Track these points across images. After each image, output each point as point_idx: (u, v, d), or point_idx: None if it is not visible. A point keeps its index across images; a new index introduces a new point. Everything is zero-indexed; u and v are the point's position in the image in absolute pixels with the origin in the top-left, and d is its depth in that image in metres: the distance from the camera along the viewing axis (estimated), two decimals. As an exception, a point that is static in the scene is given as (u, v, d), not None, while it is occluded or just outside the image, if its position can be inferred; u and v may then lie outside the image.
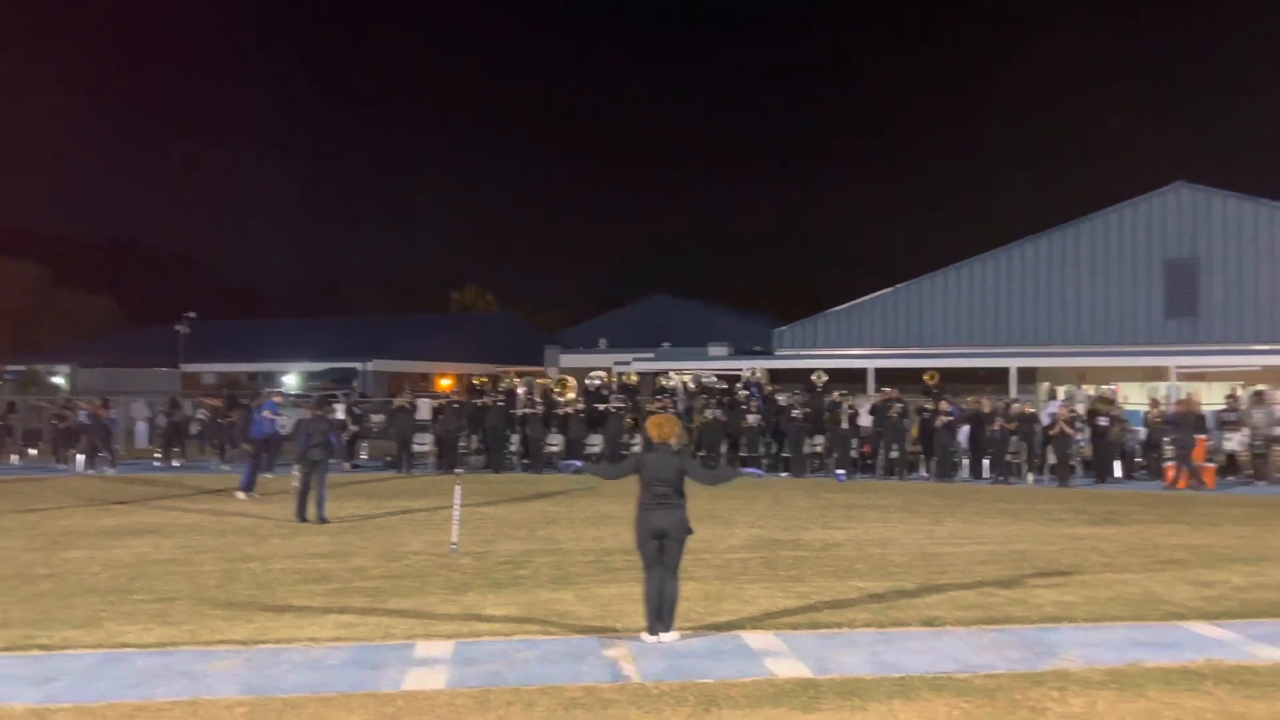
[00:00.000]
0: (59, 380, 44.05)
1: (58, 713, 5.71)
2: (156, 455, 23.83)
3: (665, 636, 7.16)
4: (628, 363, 32.06)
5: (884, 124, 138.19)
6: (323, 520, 13.34)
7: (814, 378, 22.65)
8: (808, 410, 20.70)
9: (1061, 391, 27.13)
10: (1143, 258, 29.53)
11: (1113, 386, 26.44)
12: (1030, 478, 19.51)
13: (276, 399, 20.20)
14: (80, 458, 22.27)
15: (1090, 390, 26.32)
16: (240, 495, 15.86)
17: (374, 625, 7.67)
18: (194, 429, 24.64)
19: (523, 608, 8.28)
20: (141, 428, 27.92)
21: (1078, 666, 6.57)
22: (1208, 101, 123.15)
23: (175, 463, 22.96)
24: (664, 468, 7.29)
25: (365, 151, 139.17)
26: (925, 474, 20.45)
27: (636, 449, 19.89)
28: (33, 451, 25.22)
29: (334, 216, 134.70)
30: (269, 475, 19.46)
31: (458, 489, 11.88)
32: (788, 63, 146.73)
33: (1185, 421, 18.47)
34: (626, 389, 22.86)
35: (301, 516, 13.37)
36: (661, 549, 7.21)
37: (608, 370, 26.76)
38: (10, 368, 48.32)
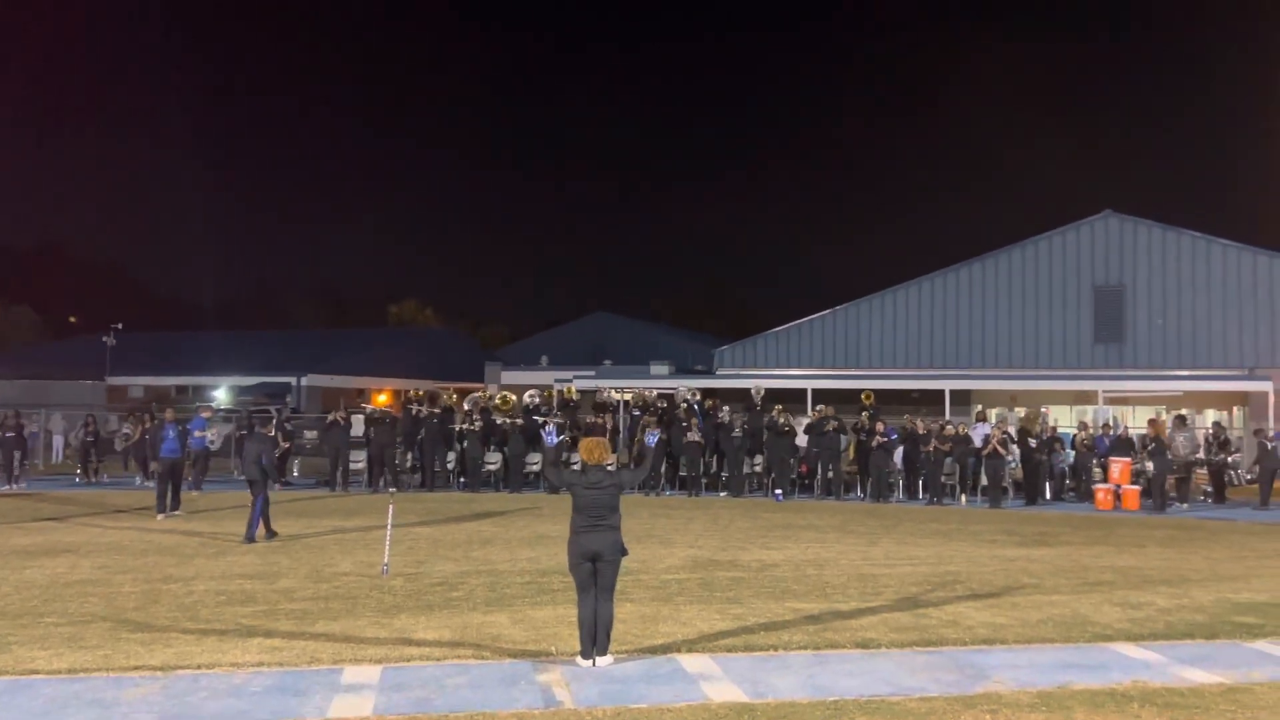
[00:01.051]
0: (-25, 392, 42.32)
1: (-44, 745, 5.41)
2: (77, 472, 23.04)
3: (600, 660, 7.06)
4: (569, 380, 31.92)
5: (822, 147, 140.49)
6: (250, 540, 13.07)
7: (753, 392, 22.77)
8: (745, 431, 20.77)
9: (993, 414, 27.68)
10: (1072, 284, 30.34)
11: (1043, 409, 27.08)
12: (963, 499, 19.80)
13: (205, 414, 19.66)
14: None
15: (1020, 412, 26.91)
16: (159, 517, 15.29)
17: (300, 649, 7.44)
18: (118, 445, 23.86)
19: (455, 631, 8.11)
20: (59, 442, 26.96)
21: (1008, 689, 6.63)
22: (1136, 133, 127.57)
23: (99, 479, 22.21)
24: (599, 491, 7.21)
25: (301, 163, 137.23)
26: (861, 494, 20.64)
27: (576, 467, 19.77)
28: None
29: (269, 228, 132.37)
30: (195, 492, 18.92)
31: (390, 508, 11.65)
32: (729, 82, 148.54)
33: (1159, 442, 18.68)
34: (566, 405, 22.71)
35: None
36: (595, 572, 7.12)
37: (547, 387, 26.58)
38: (-76, 378, 46.40)
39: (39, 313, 69.64)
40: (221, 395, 40.79)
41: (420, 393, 23.13)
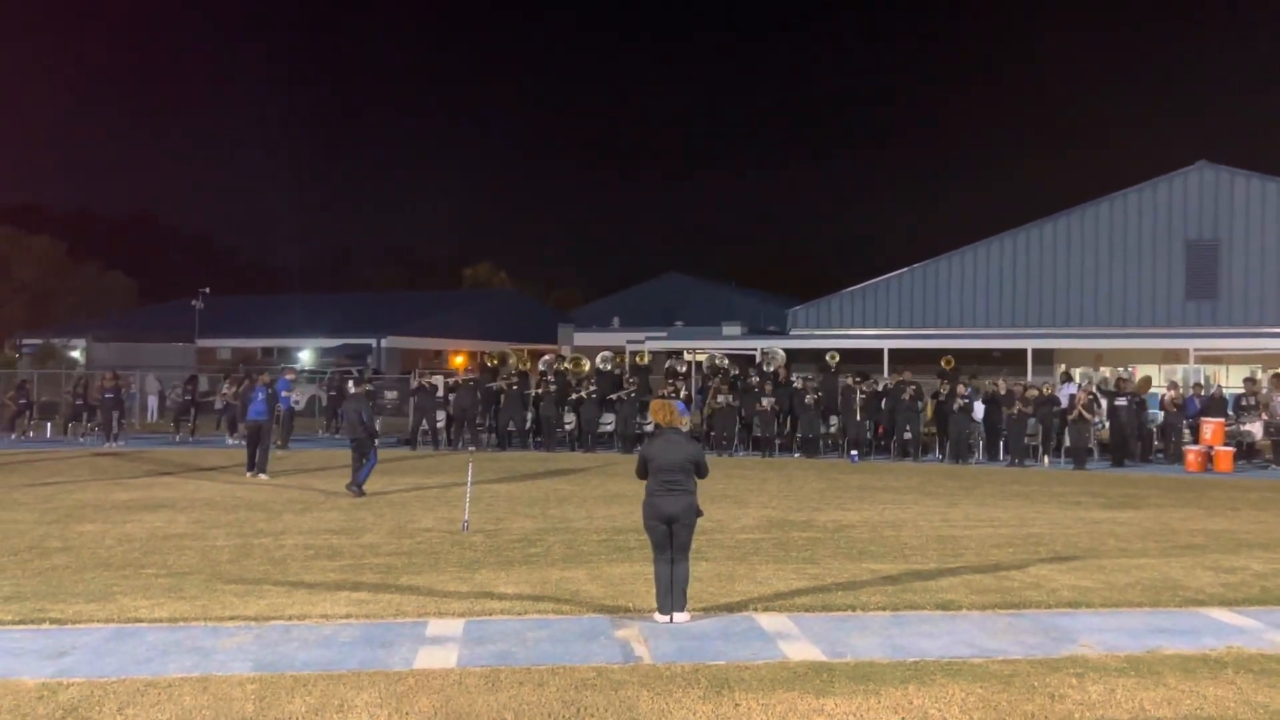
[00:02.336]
0: (75, 354, 44.27)
1: (69, 687, 5.70)
2: (173, 430, 23.97)
3: (677, 617, 7.11)
4: (641, 341, 31.96)
5: (904, 104, 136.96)
6: (361, 493, 13.70)
7: (828, 358, 22.53)
8: (819, 395, 20.57)
9: (1078, 374, 26.92)
10: (1163, 239, 29.18)
11: (1130, 369, 26.23)
12: (1046, 460, 19.37)
13: (289, 376, 20.23)
14: (97, 431, 22.38)
15: (1106, 372, 26.11)
16: (249, 476, 15.78)
17: (385, 603, 7.65)
18: (218, 404, 24.67)
19: (534, 586, 8.25)
20: (153, 402, 28.02)
21: (1095, 653, 6.49)
22: (1232, 81, 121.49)
23: (191, 437, 23.08)
24: (673, 454, 7.21)
25: (378, 131, 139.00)
26: (939, 456, 20.32)
27: (649, 429, 19.83)
28: (49, 425, 25.34)
29: (347, 196, 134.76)
30: (282, 451, 19.53)
31: (470, 466, 11.87)
32: (805, 39, 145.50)
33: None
34: (638, 369, 22.78)
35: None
36: (670, 534, 7.14)
37: (619, 351, 26.68)
38: (27, 341, 48.65)
39: (133, 278, 72.25)
40: (306, 357, 41.92)
41: (494, 359, 23.39)
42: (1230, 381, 24.07)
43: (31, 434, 24.40)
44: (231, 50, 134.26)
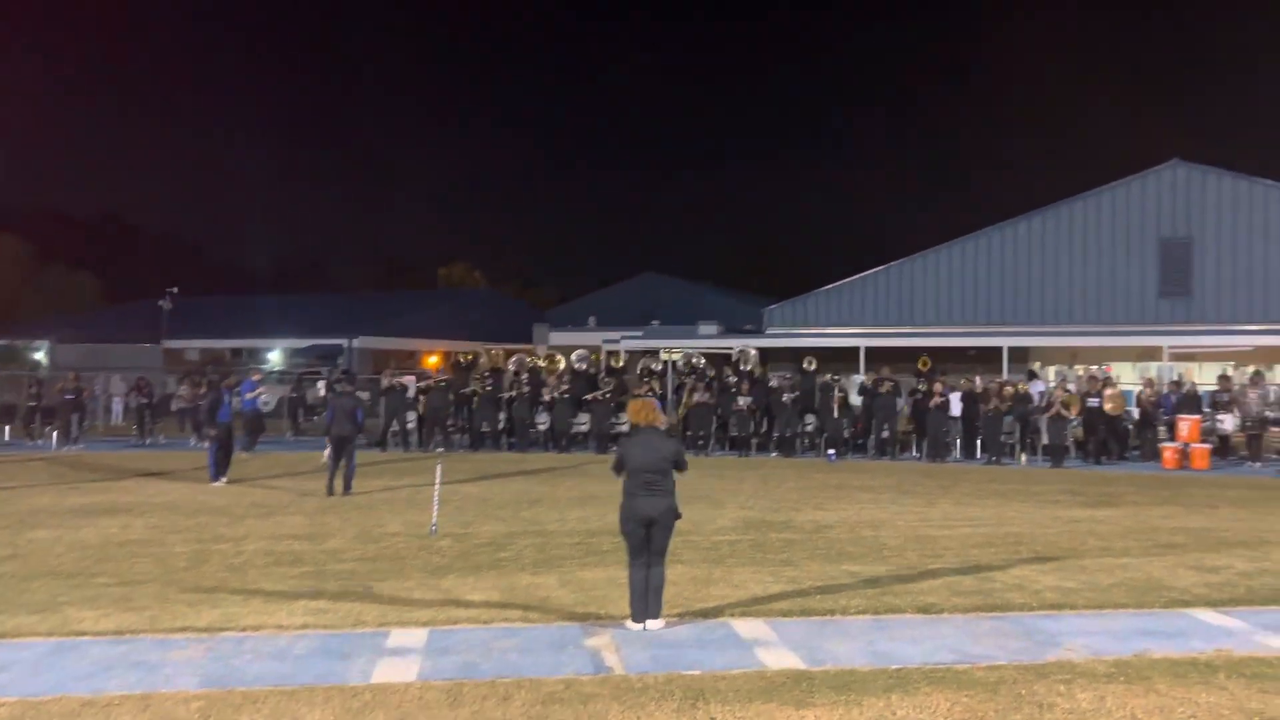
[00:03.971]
0: (38, 356, 43.40)
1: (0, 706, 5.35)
2: (134, 433, 23.43)
3: (651, 624, 6.84)
4: (617, 341, 31.68)
5: (880, 104, 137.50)
6: (348, 492, 13.71)
7: (805, 364, 22.35)
8: (796, 395, 20.38)
9: (1052, 371, 26.91)
10: (1136, 236, 29.25)
11: (1104, 366, 26.24)
12: (1023, 458, 19.27)
13: (255, 377, 19.77)
14: (55, 434, 21.81)
15: (1080, 370, 26.11)
16: (214, 484, 15.06)
17: (346, 611, 7.32)
18: (174, 406, 24.17)
19: (503, 593, 7.94)
20: (118, 404, 27.42)
21: (1082, 657, 6.28)
22: (1204, 80, 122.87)
23: (157, 439, 22.56)
24: (652, 453, 6.93)
25: (352, 128, 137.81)
26: (917, 455, 20.19)
27: (624, 429, 19.55)
28: (6, 428, 24.71)
29: (321, 195, 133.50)
30: (245, 455, 19.09)
31: (439, 468, 11.55)
32: (779, 40, 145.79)
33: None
34: (614, 370, 22.49)
35: (330, 490, 13.74)
36: (648, 537, 6.87)
37: (595, 349, 26.38)
38: (-10, 343, 47.62)
39: (100, 279, 71.12)
40: (275, 357, 41.31)
41: (468, 356, 23.02)
42: (1203, 379, 24.12)
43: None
44: (205, 48, 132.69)
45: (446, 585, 8.22)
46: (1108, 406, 19.03)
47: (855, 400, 20.56)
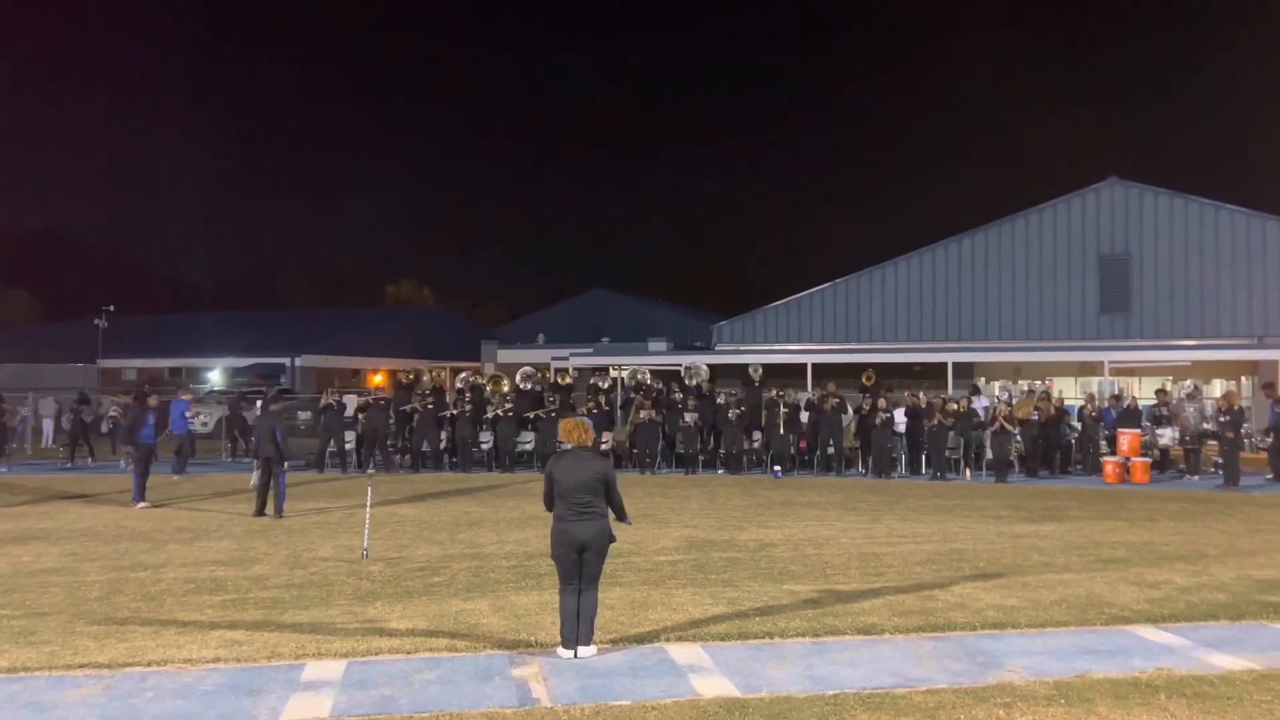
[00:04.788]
0: (-34, 376, 41.87)
1: None
2: (61, 455, 22.59)
3: (583, 651, 6.57)
4: (565, 358, 31.41)
5: (821, 119, 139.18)
6: (279, 515, 13.32)
7: (751, 371, 22.27)
8: (741, 411, 20.25)
9: (996, 386, 27.17)
10: (1077, 253, 29.75)
11: (1047, 381, 26.55)
12: (968, 473, 19.32)
13: (187, 397, 19.14)
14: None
15: (1024, 385, 26.39)
16: (138, 505, 14.49)
17: (262, 643, 6.94)
18: (105, 427, 23.36)
19: (431, 620, 7.62)
20: (49, 425, 26.46)
21: (1023, 679, 6.13)
22: (1141, 98, 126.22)
23: (86, 461, 21.76)
24: (582, 473, 6.67)
25: (300, 143, 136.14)
26: (863, 470, 20.15)
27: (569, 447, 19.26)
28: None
29: (268, 210, 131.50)
30: (177, 477, 18.48)
31: (369, 490, 11.19)
32: (726, 54, 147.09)
33: (1231, 413, 17.77)
34: (560, 387, 22.20)
35: (259, 513, 13.40)
36: (580, 563, 6.60)
37: (542, 368, 26.06)
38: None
39: (38, 296, 69.17)
40: (215, 376, 40.34)
41: (410, 375, 22.55)
42: (1143, 393, 24.51)
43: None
44: (147, 61, 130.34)
45: (372, 613, 7.88)
46: (1019, 414, 19.17)
47: (803, 416, 20.49)
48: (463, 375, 22.52)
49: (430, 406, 20.57)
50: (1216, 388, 26.60)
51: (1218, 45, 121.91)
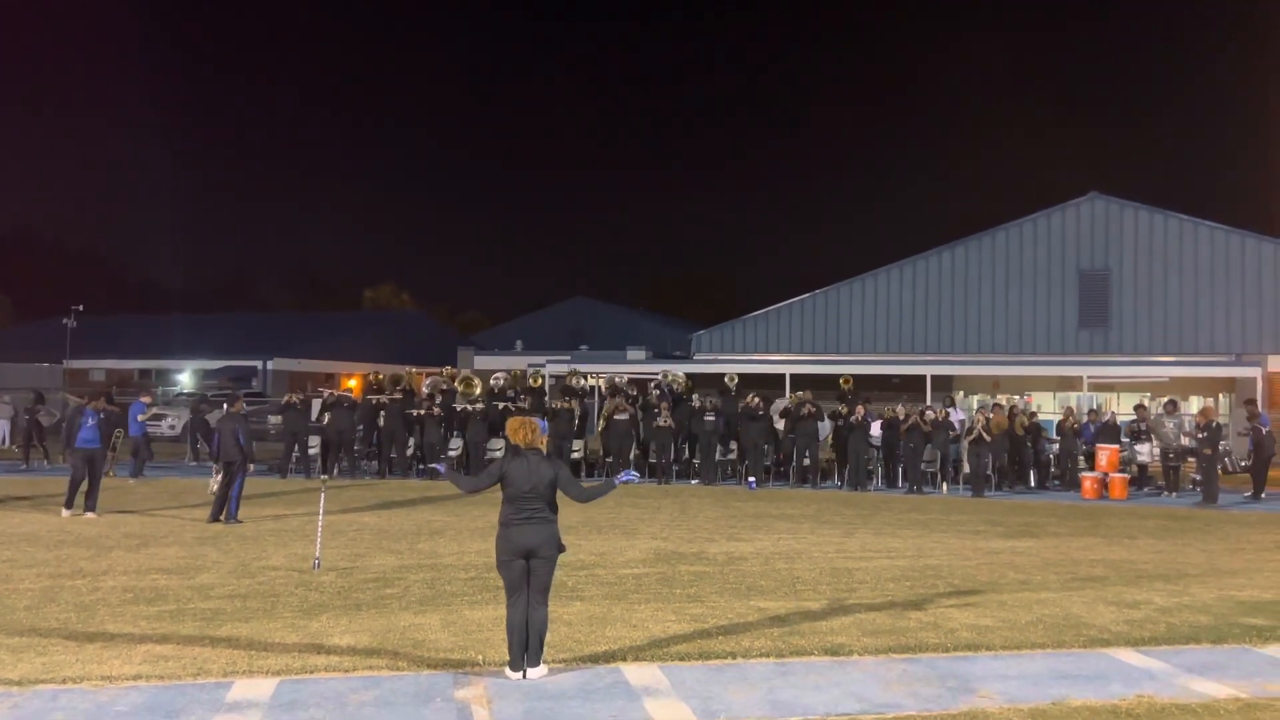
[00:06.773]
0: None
1: None
2: (16, 452, 21.96)
3: (532, 672, 6.18)
4: (542, 365, 30.98)
5: (803, 130, 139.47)
6: (233, 521, 12.95)
7: (726, 380, 21.94)
8: (717, 419, 19.89)
9: (974, 400, 26.96)
10: (1057, 268, 29.62)
11: (1025, 396, 26.37)
12: (944, 487, 19.04)
13: (145, 399, 18.58)
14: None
15: (1003, 400, 26.18)
16: (64, 513, 13.53)
17: (191, 658, 6.51)
18: (62, 429, 22.67)
19: (375, 635, 7.20)
20: (4, 426, 25.77)
21: (997, 705, 5.79)
22: (1122, 114, 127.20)
23: (42, 463, 21.15)
24: (533, 477, 6.30)
25: (280, 146, 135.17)
26: (838, 483, 19.84)
27: (499, 453, 18.88)
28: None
29: (247, 213, 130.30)
30: (133, 481, 17.94)
31: (322, 496, 10.76)
32: (707, 65, 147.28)
33: (1209, 429, 17.52)
34: (532, 390, 21.78)
35: (214, 518, 13.02)
36: (528, 571, 6.22)
37: (518, 371, 25.61)
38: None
39: (10, 298, 67.96)
40: (185, 379, 39.64)
41: (380, 376, 22.06)
42: (1122, 408, 24.35)
43: None
44: (122, 61, 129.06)
45: (316, 627, 7.45)
46: (991, 423, 18.94)
47: (778, 425, 20.17)
48: (430, 379, 22.03)
49: (398, 402, 20.07)
50: (1194, 404, 26.50)
51: (1200, 62, 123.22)
